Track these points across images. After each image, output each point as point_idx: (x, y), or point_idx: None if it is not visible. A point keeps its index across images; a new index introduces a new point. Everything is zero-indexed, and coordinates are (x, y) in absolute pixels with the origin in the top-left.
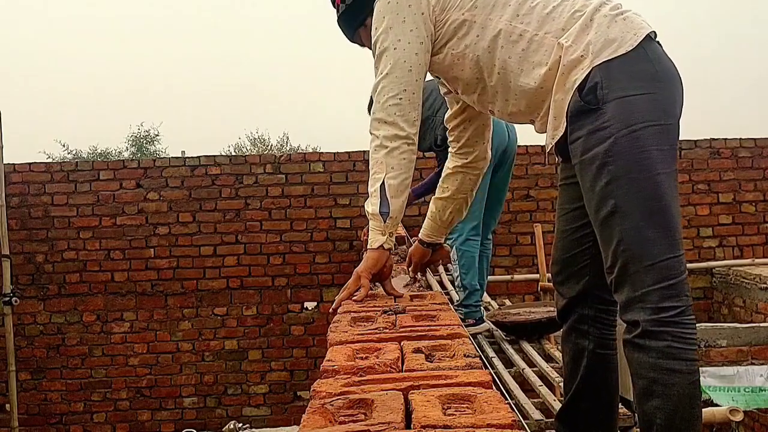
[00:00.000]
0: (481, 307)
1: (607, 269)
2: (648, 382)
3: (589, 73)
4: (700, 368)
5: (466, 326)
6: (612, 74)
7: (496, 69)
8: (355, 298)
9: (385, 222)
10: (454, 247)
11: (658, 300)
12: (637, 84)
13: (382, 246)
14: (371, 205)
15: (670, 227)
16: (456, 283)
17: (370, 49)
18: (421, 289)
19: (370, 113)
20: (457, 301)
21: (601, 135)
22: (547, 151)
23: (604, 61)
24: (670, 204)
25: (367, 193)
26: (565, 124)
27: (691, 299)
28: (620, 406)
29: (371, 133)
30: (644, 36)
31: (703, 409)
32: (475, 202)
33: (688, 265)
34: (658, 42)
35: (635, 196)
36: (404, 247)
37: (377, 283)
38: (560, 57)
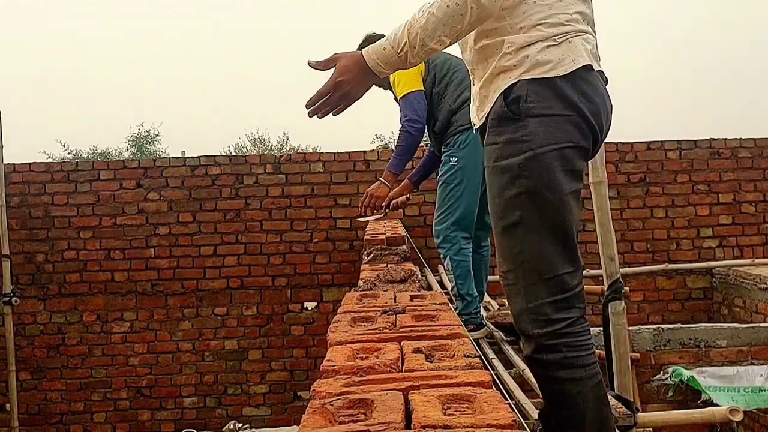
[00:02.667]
0: (480, 312)
1: (502, 272)
2: (553, 393)
3: (516, 83)
4: (698, 368)
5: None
6: (538, 91)
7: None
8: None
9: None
10: (448, 257)
11: (551, 312)
12: (559, 106)
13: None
14: (416, 59)
15: (569, 243)
16: (453, 293)
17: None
18: (421, 288)
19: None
20: (455, 309)
21: (520, 147)
22: (474, 129)
23: (532, 78)
24: (572, 222)
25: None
26: (484, 121)
27: (585, 308)
28: (620, 405)
29: None
30: (581, 65)
31: (703, 409)
32: (467, 210)
33: (689, 265)
34: (599, 72)
35: (542, 211)
36: (404, 247)
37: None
38: (496, 57)
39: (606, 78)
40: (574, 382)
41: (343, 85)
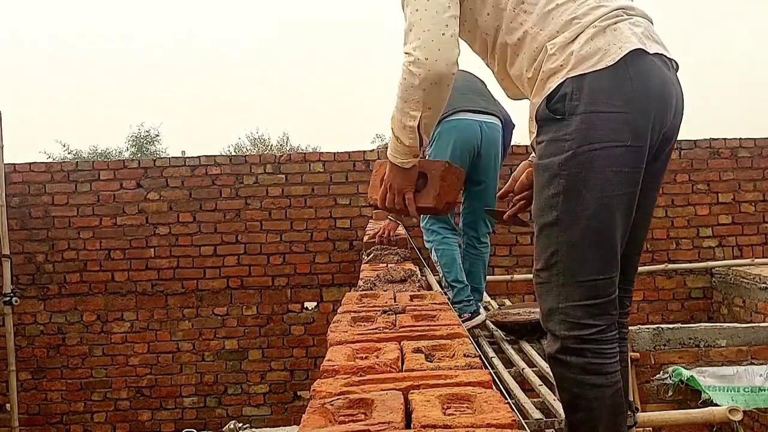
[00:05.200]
0: (474, 302)
1: (536, 269)
2: (571, 396)
3: (562, 83)
4: (698, 368)
5: (462, 321)
6: (584, 88)
7: (496, 48)
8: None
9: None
10: (432, 249)
11: (581, 316)
12: (608, 101)
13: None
14: (409, 140)
15: (607, 248)
16: (442, 284)
17: None
18: (421, 288)
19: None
20: (449, 300)
21: (561, 146)
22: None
23: (579, 74)
24: (612, 226)
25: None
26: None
27: (617, 315)
28: None
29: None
30: (629, 51)
31: (703, 409)
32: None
33: (688, 265)
34: (657, 54)
35: (579, 213)
36: (404, 247)
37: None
38: (543, 62)
39: (674, 62)
40: (594, 388)
41: (387, 184)
